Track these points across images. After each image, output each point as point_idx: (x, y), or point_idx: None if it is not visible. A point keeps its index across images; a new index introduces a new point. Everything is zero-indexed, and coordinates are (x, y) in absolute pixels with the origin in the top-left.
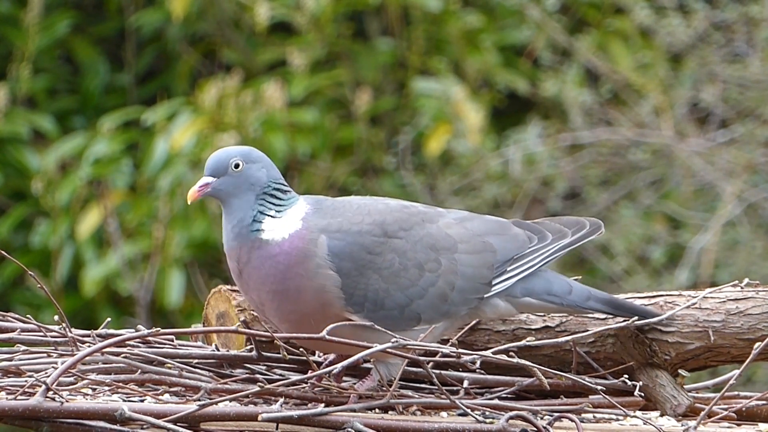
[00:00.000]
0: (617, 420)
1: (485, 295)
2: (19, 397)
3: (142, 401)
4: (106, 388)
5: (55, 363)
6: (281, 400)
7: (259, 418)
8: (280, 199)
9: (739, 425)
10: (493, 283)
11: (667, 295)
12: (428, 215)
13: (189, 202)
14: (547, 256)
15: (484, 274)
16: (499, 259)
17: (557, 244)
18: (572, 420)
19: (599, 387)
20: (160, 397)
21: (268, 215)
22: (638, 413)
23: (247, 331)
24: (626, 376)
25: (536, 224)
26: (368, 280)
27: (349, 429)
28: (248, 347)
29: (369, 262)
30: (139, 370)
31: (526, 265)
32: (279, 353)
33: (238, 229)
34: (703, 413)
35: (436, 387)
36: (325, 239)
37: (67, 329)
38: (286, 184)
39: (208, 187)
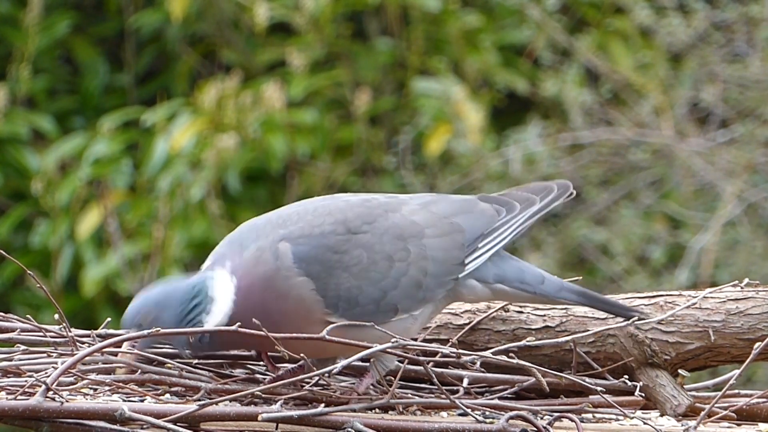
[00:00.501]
0: (617, 420)
1: (460, 275)
2: (18, 397)
3: (142, 401)
4: (106, 388)
5: (55, 363)
6: (281, 400)
7: (259, 418)
8: (198, 304)
9: (739, 425)
10: (466, 262)
11: (667, 295)
12: (390, 205)
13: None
14: (517, 227)
15: (455, 255)
16: (469, 238)
17: (526, 212)
18: (572, 420)
19: (599, 387)
20: (160, 397)
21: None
22: (638, 413)
23: (247, 331)
24: (626, 376)
25: (503, 196)
26: (338, 279)
27: (349, 429)
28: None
29: (336, 262)
30: (139, 370)
31: (498, 239)
32: (279, 355)
33: (184, 344)
34: (703, 413)
35: (436, 387)
36: (289, 247)
37: (67, 329)
38: (197, 288)
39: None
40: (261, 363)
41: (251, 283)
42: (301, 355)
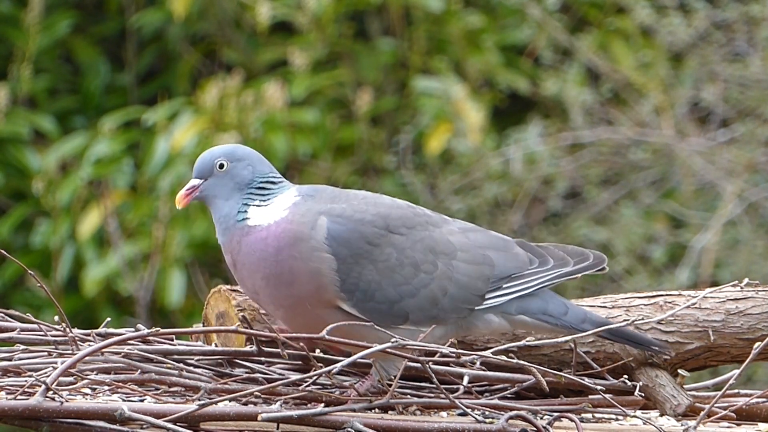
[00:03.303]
0: (617, 420)
1: (476, 308)
2: (18, 397)
3: (141, 401)
4: (106, 387)
5: (55, 363)
6: (281, 399)
7: (259, 417)
8: (268, 190)
9: (738, 425)
10: (487, 297)
11: (666, 294)
12: (433, 219)
13: (178, 208)
14: (545, 281)
15: (478, 286)
16: (496, 275)
17: (558, 270)
18: (572, 420)
19: (599, 387)
20: (160, 396)
21: (253, 205)
22: (638, 413)
23: (247, 330)
24: (626, 376)
25: (540, 248)
26: (362, 269)
27: (349, 429)
28: (248, 347)
29: (366, 252)
30: (139, 370)
31: (523, 285)
32: (278, 351)
33: (226, 223)
34: (703, 413)
35: (436, 387)
36: (325, 221)
37: (67, 329)
38: (278, 176)
39: (196, 191)
40: (260, 362)
41: (284, 232)
42: (300, 344)
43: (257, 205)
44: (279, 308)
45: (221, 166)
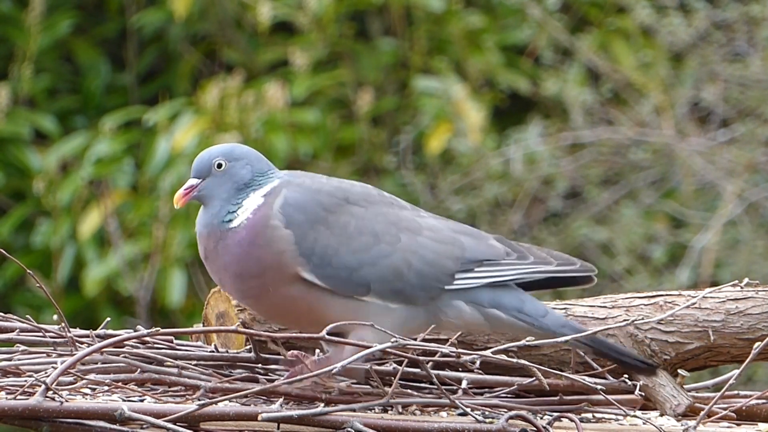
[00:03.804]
0: (617, 420)
1: (446, 287)
2: (18, 397)
3: (141, 401)
4: (106, 387)
5: (55, 363)
6: (281, 399)
7: (259, 417)
8: (261, 186)
9: (738, 425)
10: (457, 276)
11: (666, 294)
12: (403, 205)
13: (176, 207)
14: (521, 272)
15: (447, 265)
16: (468, 257)
17: (537, 267)
18: (572, 419)
19: (599, 386)
20: (160, 396)
21: (243, 205)
22: (638, 413)
23: (246, 331)
24: (625, 376)
25: (521, 246)
26: (317, 234)
27: (349, 429)
28: (248, 347)
29: (322, 219)
30: (139, 370)
31: (497, 273)
32: (277, 354)
33: (210, 219)
34: (702, 413)
35: (436, 386)
36: (284, 192)
37: (66, 329)
38: (275, 171)
39: (194, 190)
40: (260, 365)
41: (257, 218)
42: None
43: (246, 204)
44: (245, 298)
45: (219, 165)
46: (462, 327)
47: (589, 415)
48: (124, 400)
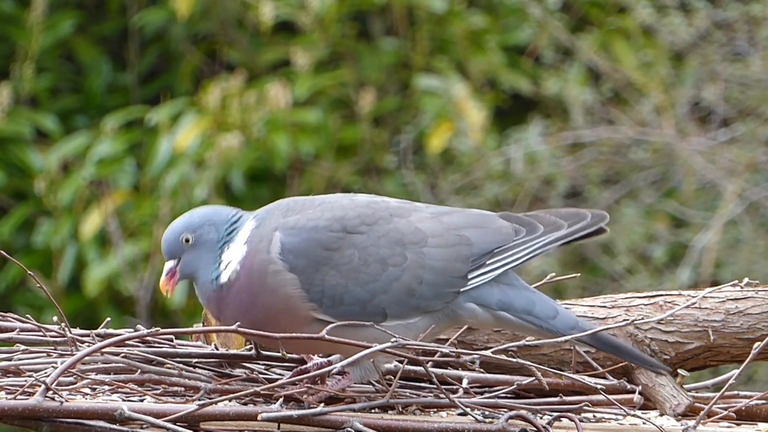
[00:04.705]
0: (617, 419)
1: (462, 289)
2: (18, 397)
3: (141, 401)
4: (106, 387)
5: (55, 363)
6: (281, 399)
7: (259, 417)
8: (233, 234)
9: (738, 425)
10: (470, 276)
11: (666, 294)
12: (398, 210)
13: (166, 296)
14: (534, 249)
15: (458, 268)
16: (476, 252)
17: (548, 236)
18: (572, 419)
19: (599, 386)
20: (160, 396)
21: (225, 255)
22: (638, 413)
23: (246, 330)
24: (625, 376)
25: (528, 216)
26: (324, 276)
27: (349, 429)
28: (248, 347)
29: (325, 259)
30: (139, 370)
31: (509, 259)
32: (277, 353)
33: (204, 288)
34: (702, 413)
35: (436, 386)
36: (279, 236)
37: (67, 329)
38: (237, 214)
39: (176, 275)
40: (260, 363)
41: (251, 266)
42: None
43: (227, 254)
44: (262, 339)
45: (187, 240)
46: (479, 326)
47: (589, 415)
48: (124, 400)
